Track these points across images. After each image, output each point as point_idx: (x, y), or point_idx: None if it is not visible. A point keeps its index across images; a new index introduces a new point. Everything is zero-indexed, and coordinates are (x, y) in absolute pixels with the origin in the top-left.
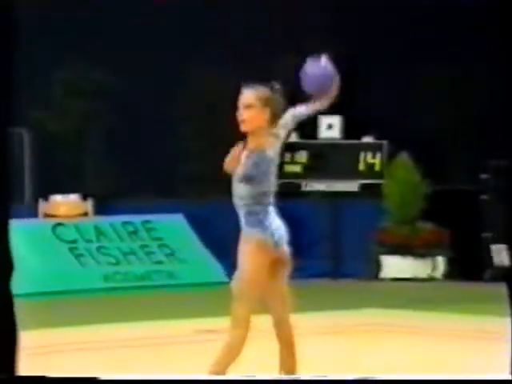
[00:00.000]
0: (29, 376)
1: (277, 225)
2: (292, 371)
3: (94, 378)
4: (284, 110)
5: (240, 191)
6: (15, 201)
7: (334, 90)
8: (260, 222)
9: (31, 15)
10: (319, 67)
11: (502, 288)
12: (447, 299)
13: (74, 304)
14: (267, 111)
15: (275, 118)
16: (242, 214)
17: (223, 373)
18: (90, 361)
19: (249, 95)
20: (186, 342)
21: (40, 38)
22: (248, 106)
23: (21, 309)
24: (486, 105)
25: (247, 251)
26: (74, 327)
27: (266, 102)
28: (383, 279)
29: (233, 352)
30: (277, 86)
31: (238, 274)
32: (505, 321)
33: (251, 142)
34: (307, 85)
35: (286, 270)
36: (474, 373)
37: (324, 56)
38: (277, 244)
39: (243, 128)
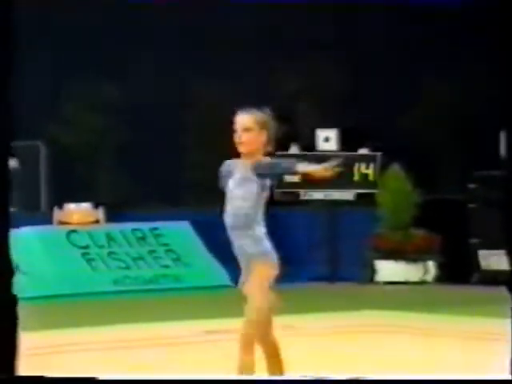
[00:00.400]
0: (28, 376)
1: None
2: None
3: (94, 378)
4: (277, 134)
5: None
6: (32, 209)
7: None
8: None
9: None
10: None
11: (490, 291)
12: (438, 301)
13: (85, 306)
14: (264, 134)
15: (271, 141)
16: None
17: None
18: (101, 360)
19: (247, 119)
20: (191, 342)
21: (55, 58)
22: (247, 129)
23: (35, 310)
24: (473, 122)
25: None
26: (85, 328)
27: (263, 126)
28: (378, 283)
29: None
30: (269, 111)
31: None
32: (493, 321)
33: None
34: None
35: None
36: (464, 368)
37: None
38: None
39: (241, 149)
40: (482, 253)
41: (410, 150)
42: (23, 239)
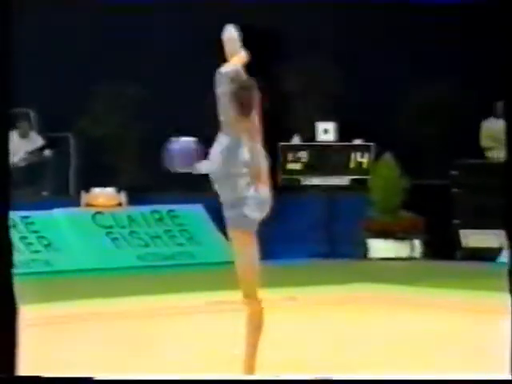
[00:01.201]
0: (27, 376)
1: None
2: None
3: (91, 378)
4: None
5: None
6: (62, 193)
7: (195, 164)
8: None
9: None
10: (179, 144)
11: (470, 266)
12: (424, 274)
13: (110, 279)
14: None
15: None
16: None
17: (256, 347)
18: (125, 328)
19: None
20: (204, 310)
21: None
22: None
23: (65, 283)
24: (456, 116)
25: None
26: (110, 299)
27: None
28: (371, 259)
29: (258, 325)
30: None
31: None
32: (474, 293)
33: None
34: (167, 161)
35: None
36: (448, 335)
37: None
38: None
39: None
40: (462, 232)
41: (400, 142)
42: (55, 220)
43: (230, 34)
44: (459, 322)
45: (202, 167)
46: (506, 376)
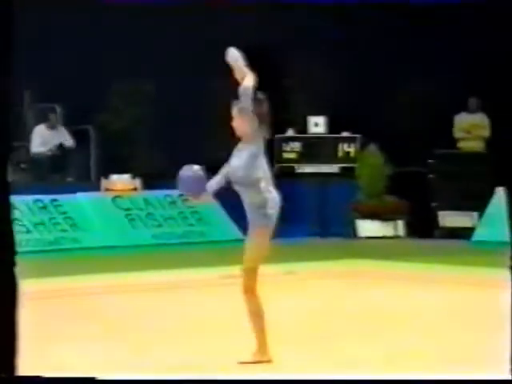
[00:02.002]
0: (27, 376)
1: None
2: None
3: (92, 378)
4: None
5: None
6: (84, 179)
7: (203, 191)
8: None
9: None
10: (191, 171)
11: (447, 243)
12: (406, 251)
13: (128, 256)
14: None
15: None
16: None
17: (264, 331)
18: (143, 299)
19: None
20: (213, 284)
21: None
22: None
23: (89, 258)
24: (433, 111)
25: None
26: (129, 273)
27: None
28: (359, 237)
29: (261, 315)
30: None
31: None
32: (451, 267)
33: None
34: (180, 187)
35: None
36: (430, 302)
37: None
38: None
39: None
40: (440, 213)
41: (384, 134)
42: (78, 203)
43: (233, 57)
44: (437, 291)
45: (211, 187)
46: (506, 376)
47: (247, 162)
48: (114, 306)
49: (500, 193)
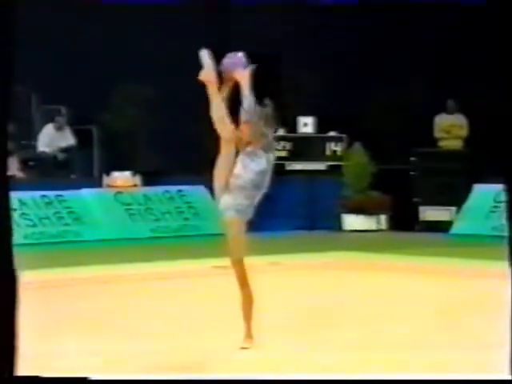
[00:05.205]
0: (27, 376)
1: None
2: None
3: (90, 378)
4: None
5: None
6: (87, 176)
7: (240, 70)
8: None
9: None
10: (235, 55)
11: (427, 236)
12: (389, 244)
13: (127, 248)
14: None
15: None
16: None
17: (251, 317)
18: (140, 288)
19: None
20: (207, 274)
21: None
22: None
23: (91, 250)
24: (414, 111)
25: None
26: (128, 264)
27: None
28: (345, 231)
29: (251, 305)
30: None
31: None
32: (429, 259)
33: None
34: (224, 64)
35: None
36: (411, 291)
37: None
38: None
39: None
40: (421, 208)
41: (368, 133)
42: (82, 198)
43: (203, 59)
44: (417, 280)
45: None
46: (506, 376)
47: (261, 171)
48: (113, 295)
49: (476, 189)
